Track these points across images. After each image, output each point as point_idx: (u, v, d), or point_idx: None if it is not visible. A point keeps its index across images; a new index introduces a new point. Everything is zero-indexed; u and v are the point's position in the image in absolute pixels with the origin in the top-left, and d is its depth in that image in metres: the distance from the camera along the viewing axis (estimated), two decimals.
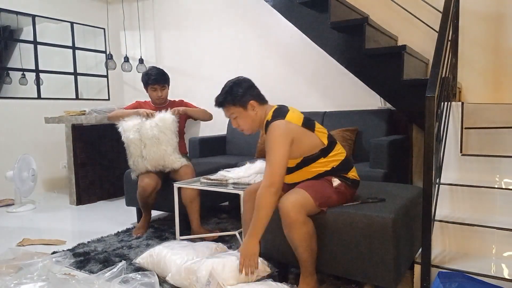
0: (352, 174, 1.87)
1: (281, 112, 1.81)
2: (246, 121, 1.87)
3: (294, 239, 1.68)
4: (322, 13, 2.72)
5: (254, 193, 1.95)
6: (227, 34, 4.32)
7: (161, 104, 3.02)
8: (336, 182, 1.80)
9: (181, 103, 3.13)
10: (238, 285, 1.72)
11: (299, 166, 1.82)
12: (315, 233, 1.73)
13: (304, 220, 1.67)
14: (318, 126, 1.85)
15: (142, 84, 3.07)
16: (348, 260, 1.70)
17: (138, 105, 3.04)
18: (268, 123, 1.79)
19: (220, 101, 1.88)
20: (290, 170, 1.81)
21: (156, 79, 2.93)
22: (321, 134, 1.83)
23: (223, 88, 1.90)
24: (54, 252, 2.45)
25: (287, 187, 1.93)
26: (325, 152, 1.81)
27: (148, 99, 3.09)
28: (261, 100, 1.90)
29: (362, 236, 1.65)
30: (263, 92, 1.98)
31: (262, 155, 3.22)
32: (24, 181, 3.69)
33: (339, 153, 1.85)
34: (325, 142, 1.81)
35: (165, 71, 3.04)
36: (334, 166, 1.82)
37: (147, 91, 3.01)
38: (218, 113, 3.16)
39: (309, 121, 1.83)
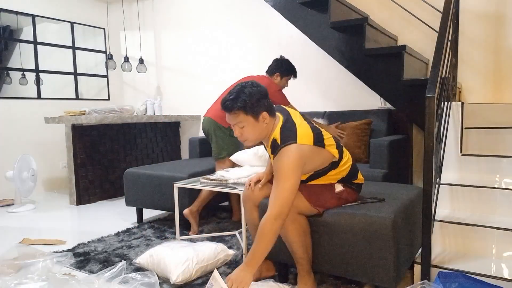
0: (359, 179, 1.86)
1: (290, 132, 1.63)
2: (254, 132, 1.66)
3: (288, 236, 1.69)
4: (322, 13, 2.72)
5: (251, 194, 1.96)
6: (227, 34, 4.32)
7: None
8: (339, 188, 1.79)
9: None
10: None
11: (309, 179, 1.79)
12: (308, 229, 1.73)
13: (294, 217, 1.68)
14: (326, 136, 1.72)
15: (142, 84, 3.07)
16: (348, 260, 1.70)
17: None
18: (277, 146, 1.63)
19: (230, 106, 1.62)
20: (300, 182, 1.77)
21: (296, 73, 3.08)
22: (330, 146, 1.72)
23: (232, 91, 1.64)
24: (54, 252, 2.45)
25: None
26: (335, 164, 1.76)
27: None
28: (272, 111, 1.70)
29: (362, 236, 1.65)
30: None
31: None
32: (24, 181, 3.69)
33: (347, 161, 1.81)
34: (336, 155, 1.73)
35: (166, 71, 3.04)
36: (343, 177, 1.80)
37: (281, 78, 3.01)
38: None
39: (318, 135, 1.68)
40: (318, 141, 1.67)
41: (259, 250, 1.58)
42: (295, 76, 3.09)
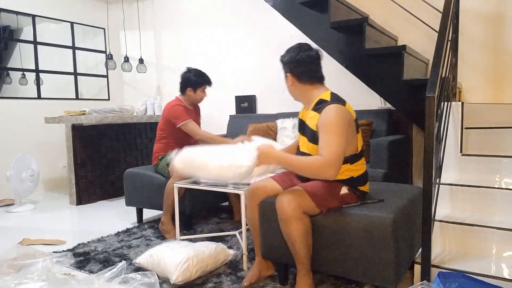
0: (365, 187, 1.87)
1: (340, 98, 1.78)
2: (288, 88, 1.90)
3: (291, 234, 1.69)
4: (322, 13, 2.72)
5: (256, 191, 1.96)
6: (227, 34, 4.32)
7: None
8: (344, 191, 1.79)
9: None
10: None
11: None
12: (311, 230, 1.73)
13: (300, 216, 1.68)
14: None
15: (142, 84, 3.06)
16: (348, 260, 1.70)
17: (185, 109, 2.91)
18: (324, 103, 1.73)
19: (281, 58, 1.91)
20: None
21: (209, 80, 2.96)
22: (360, 138, 1.79)
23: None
24: (54, 252, 2.45)
25: (289, 184, 1.93)
26: (353, 158, 1.77)
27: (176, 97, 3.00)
28: (304, 78, 1.83)
29: (362, 236, 1.65)
30: (263, 92, 1.98)
31: None
32: (22, 181, 3.69)
33: (362, 165, 1.83)
34: (359, 148, 1.79)
35: (166, 71, 3.03)
36: (353, 177, 1.80)
37: (194, 91, 2.91)
38: (218, 113, 3.19)
39: (356, 120, 1.79)
40: (357, 123, 1.78)
41: (295, 163, 1.68)
42: (209, 84, 2.95)
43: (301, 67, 1.82)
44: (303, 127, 1.89)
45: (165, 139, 2.94)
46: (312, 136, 1.78)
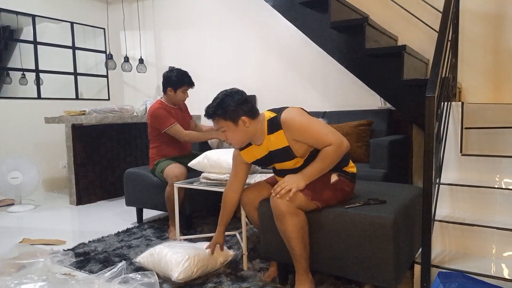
0: (351, 167, 1.87)
1: (276, 110, 1.80)
2: (236, 136, 1.79)
3: (287, 230, 1.69)
4: (322, 13, 2.72)
5: (251, 195, 1.96)
6: (227, 34, 4.33)
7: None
8: (334, 178, 1.79)
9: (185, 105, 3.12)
10: None
11: (308, 160, 1.78)
12: (307, 226, 1.73)
13: (294, 211, 1.68)
14: None
15: (142, 84, 3.06)
16: (348, 260, 1.70)
17: (166, 110, 2.86)
18: (274, 119, 1.76)
19: (210, 113, 1.79)
20: (293, 171, 1.78)
21: (192, 81, 2.89)
22: None
23: (214, 99, 1.80)
24: (54, 252, 2.45)
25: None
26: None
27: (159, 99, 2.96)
28: (253, 114, 1.79)
29: (362, 236, 1.65)
30: (263, 92, 1.97)
31: None
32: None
33: None
34: None
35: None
36: None
37: (174, 92, 2.85)
38: None
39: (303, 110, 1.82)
40: (306, 112, 1.81)
41: (319, 168, 1.71)
42: (189, 84, 2.87)
43: (248, 103, 1.80)
44: (271, 158, 1.85)
45: (156, 143, 2.91)
46: (287, 152, 1.77)
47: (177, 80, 2.83)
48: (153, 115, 2.82)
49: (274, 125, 1.76)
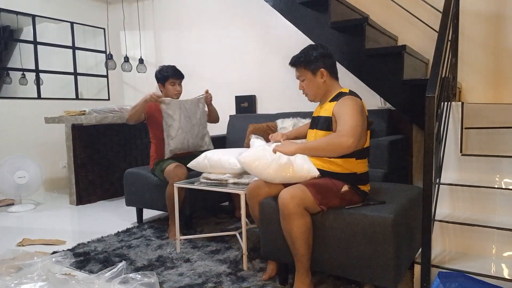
0: (365, 186, 1.88)
1: (357, 94, 1.86)
2: (312, 86, 1.90)
3: (293, 231, 1.69)
4: (322, 13, 2.72)
5: (257, 190, 1.96)
6: (227, 34, 4.32)
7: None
8: (345, 188, 1.80)
9: None
10: None
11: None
12: (312, 228, 1.74)
13: (302, 212, 1.69)
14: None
15: (142, 84, 3.07)
16: (348, 260, 1.70)
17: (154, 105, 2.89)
18: (343, 94, 1.82)
19: (294, 60, 1.90)
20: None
21: (176, 72, 2.94)
22: (368, 136, 1.87)
23: (302, 50, 1.90)
24: (54, 252, 2.45)
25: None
26: (360, 154, 1.83)
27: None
28: (333, 72, 1.91)
29: (362, 236, 1.65)
30: (263, 92, 1.98)
31: None
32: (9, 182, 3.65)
33: (366, 164, 1.89)
34: (367, 144, 1.87)
35: None
36: (357, 173, 1.83)
37: (163, 87, 2.93)
38: (218, 113, 3.18)
39: (368, 118, 1.86)
40: (368, 121, 1.84)
41: (314, 146, 1.69)
42: (174, 75, 2.90)
43: (332, 60, 1.90)
44: (315, 123, 1.93)
45: (152, 139, 2.97)
46: (324, 122, 1.84)
47: (160, 75, 2.92)
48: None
49: (337, 97, 1.84)
